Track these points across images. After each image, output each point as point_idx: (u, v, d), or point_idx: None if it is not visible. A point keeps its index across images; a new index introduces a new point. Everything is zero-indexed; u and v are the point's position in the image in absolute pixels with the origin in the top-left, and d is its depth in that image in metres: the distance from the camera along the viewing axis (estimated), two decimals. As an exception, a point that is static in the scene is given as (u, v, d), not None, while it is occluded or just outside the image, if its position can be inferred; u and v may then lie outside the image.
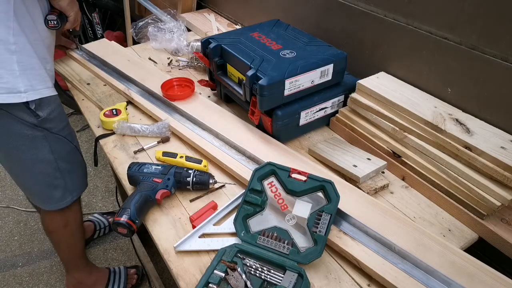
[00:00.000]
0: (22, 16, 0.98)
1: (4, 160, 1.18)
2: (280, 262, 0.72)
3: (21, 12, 0.98)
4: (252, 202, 0.80)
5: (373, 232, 0.76)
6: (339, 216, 0.80)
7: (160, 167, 0.90)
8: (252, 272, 0.71)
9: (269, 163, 0.82)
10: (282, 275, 0.70)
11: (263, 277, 0.71)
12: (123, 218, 0.80)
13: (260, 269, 0.72)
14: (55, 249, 1.51)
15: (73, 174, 1.28)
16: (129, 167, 0.92)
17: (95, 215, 1.95)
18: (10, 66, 0.99)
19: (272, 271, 0.71)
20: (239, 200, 0.87)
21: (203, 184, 0.89)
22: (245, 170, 0.92)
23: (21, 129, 1.07)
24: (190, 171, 0.89)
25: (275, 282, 0.70)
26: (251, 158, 0.96)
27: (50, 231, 1.41)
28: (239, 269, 0.71)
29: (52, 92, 1.12)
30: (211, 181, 0.90)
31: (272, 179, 0.82)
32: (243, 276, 0.70)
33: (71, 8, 1.11)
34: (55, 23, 1.08)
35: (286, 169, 0.81)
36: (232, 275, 0.70)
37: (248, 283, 0.69)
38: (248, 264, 0.73)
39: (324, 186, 0.78)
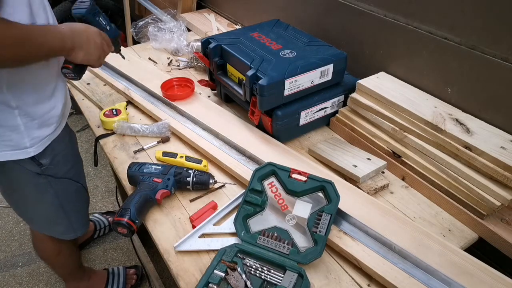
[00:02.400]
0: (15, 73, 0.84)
1: (4, 194, 1.11)
2: (280, 262, 0.72)
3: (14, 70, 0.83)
4: (252, 202, 0.80)
5: (373, 232, 0.76)
6: (339, 216, 0.81)
7: (160, 167, 0.90)
8: (252, 272, 0.71)
9: (270, 163, 0.82)
10: (282, 275, 0.70)
11: (263, 277, 0.71)
12: (123, 218, 0.80)
13: (260, 269, 0.72)
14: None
15: (78, 213, 1.23)
16: (129, 167, 0.92)
17: (95, 214, 1.94)
18: (13, 122, 0.88)
19: (272, 271, 0.71)
20: (239, 200, 0.87)
21: (203, 184, 0.89)
22: (245, 170, 0.92)
23: (24, 177, 1.00)
24: (190, 171, 0.89)
25: (275, 282, 0.70)
26: (251, 158, 0.96)
27: (43, 258, 1.39)
28: (239, 269, 0.71)
29: (62, 125, 1.02)
30: (211, 181, 0.90)
31: (272, 179, 0.82)
32: (243, 276, 0.70)
33: (88, 61, 0.90)
34: (73, 75, 0.91)
35: (286, 169, 0.81)
36: (232, 275, 0.70)
37: (248, 283, 0.69)
38: (248, 264, 0.73)
39: (324, 186, 0.78)
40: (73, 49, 0.84)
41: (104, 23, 0.98)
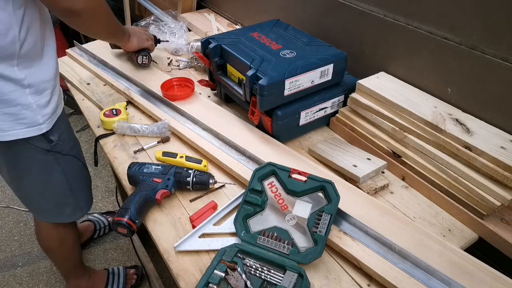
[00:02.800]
0: (41, 38, 0.94)
1: (12, 182, 1.16)
2: (280, 262, 0.72)
3: (28, 47, 0.90)
4: (252, 202, 0.80)
5: (373, 232, 0.76)
6: (339, 216, 0.80)
7: (160, 167, 0.90)
8: (252, 272, 0.71)
9: (270, 163, 0.82)
10: (282, 275, 0.70)
11: (263, 277, 0.71)
12: (123, 218, 0.80)
13: (260, 269, 0.72)
14: (52, 262, 1.51)
15: (83, 191, 1.28)
16: (129, 167, 0.92)
17: (95, 214, 1.95)
18: (26, 101, 0.94)
19: (272, 271, 0.71)
20: (239, 200, 0.87)
21: (203, 184, 0.89)
22: (245, 170, 0.92)
23: (33, 155, 1.05)
24: (190, 171, 0.89)
25: (275, 282, 0.70)
26: (251, 158, 0.96)
27: (46, 249, 1.41)
28: (239, 269, 0.71)
29: (62, 105, 1.09)
30: (211, 181, 0.90)
31: (272, 179, 0.82)
32: (243, 276, 0.70)
33: (143, 43, 1.25)
34: (145, 58, 1.27)
35: (286, 169, 0.81)
36: (232, 275, 0.70)
37: (248, 283, 0.69)
38: (248, 264, 0.73)
39: (324, 187, 0.78)
40: (129, 36, 1.20)
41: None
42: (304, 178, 0.80)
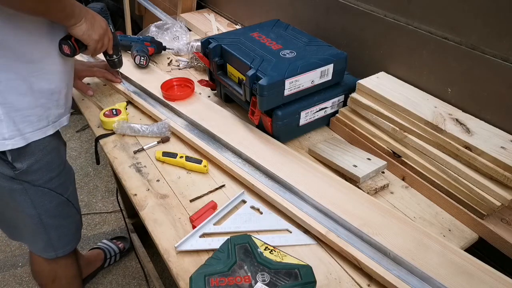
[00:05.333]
0: (7, 48, 0.80)
1: None
2: None
3: (7, 43, 0.80)
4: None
5: (367, 237, 0.76)
6: (334, 221, 0.80)
7: None
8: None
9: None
10: None
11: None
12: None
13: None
14: None
15: (61, 230, 1.12)
16: None
17: (104, 241, 1.84)
18: None
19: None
20: (239, 200, 0.87)
21: None
22: (244, 172, 0.92)
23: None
24: None
25: None
26: (248, 161, 0.95)
27: (39, 284, 1.30)
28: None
29: (48, 131, 0.95)
30: None
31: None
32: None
33: (88, 38, 0.91)
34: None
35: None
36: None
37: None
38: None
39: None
40: (80, 19, 0.88)
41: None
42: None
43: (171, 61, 1.44)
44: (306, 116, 1.03)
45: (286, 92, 0.96)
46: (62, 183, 1.06)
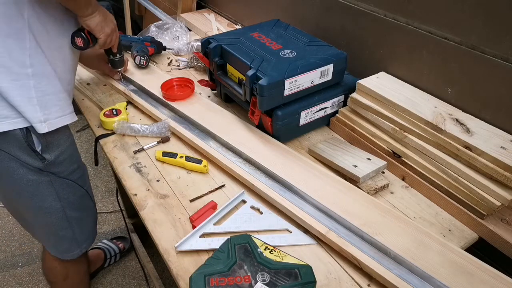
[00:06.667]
0: (39, 32, 0.84)
1: (6, 203, 1.06)
2: None
3: (37, 28, 0.84)
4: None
5: (368, 236, 0.76)
6: (335, 221, 0.80)
7: None
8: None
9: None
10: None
11: None
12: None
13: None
14: None
15: (83, 222, 1.14)
16: None
17: (104, 241, 1.84)
18: (28, 93, 0.85)
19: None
20: (239, 200, 0.87)
21: None
22: (244, 171, 0.92)
23: (24, 174, 0.94)
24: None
25: None
26: (248, 160, 0.95)
27: (48, 280, 1.31)
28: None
29: (73, 118, 0.98)
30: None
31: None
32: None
33: (100, 30, 0.94)
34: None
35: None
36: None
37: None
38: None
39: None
40: (96, 9, 0.91)
41: None
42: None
43: (171, 61, 1.44)
44: (306, 116, 1.03)
45: (286, 92, 0.96)
46: (81, 176, 1.09)
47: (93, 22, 0.92)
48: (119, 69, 1.20)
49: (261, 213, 0.85)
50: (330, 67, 0.99)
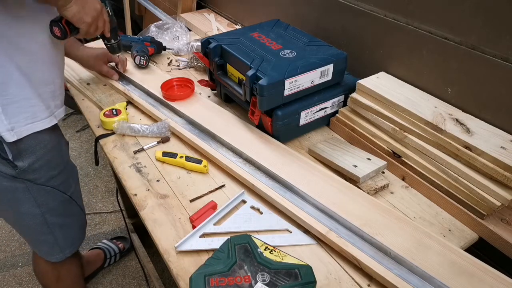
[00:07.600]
0: (7, 40, 0.81)
1: None
2: None
3: (7, 36, 0.80)
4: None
5: (368, 236, 0.76)
6: (335, 221, 0.80)
7: None
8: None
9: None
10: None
11: None
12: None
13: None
14: None
15: (65, 228, 1.12)
16: None
17: (104, 241, 1.84)
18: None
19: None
20: (239, 200, 0.87)
21: None
22: (244, 171, 0.92)
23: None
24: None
25: None
26: (248, 161, 0.95)
27: (42, 284, 1.30)
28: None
29: (49, 123, 0.95)
30: None
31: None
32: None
33: (79, 20, 0.85)
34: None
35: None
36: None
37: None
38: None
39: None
40: (67, 2, 0.81)
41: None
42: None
43: (171, 61, 1.44)
44: (306, 116, 1.03)
45: (286, 92, 0.96)
46: (64, 181, 1.06)
47: (69, 12, 0.83)
48: (118, 54, 1.14)
49: (261, 213, 0.85)
50: (330, 67, 0.99)
